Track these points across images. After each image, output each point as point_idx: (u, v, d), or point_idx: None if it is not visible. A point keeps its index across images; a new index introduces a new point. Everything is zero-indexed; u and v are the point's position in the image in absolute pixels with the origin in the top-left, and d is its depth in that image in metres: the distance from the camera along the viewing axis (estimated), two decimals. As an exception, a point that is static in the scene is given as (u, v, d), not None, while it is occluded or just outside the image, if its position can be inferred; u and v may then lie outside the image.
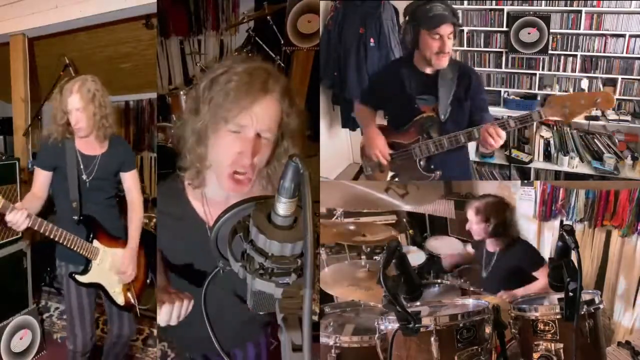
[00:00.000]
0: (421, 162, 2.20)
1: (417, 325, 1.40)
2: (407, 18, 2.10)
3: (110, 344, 2.50)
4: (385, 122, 2.38)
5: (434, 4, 2.04)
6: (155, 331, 3.17)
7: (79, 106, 2.12)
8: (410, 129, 2.19)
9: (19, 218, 1.92)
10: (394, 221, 3.31)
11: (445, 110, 2.11)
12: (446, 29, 2.02)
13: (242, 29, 4.16)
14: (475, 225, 2.44)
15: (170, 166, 1.42)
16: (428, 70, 2.14)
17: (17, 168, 2.91)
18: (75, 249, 2.15)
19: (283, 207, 0.73)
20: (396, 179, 2.33)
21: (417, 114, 2.16)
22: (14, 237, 2.94)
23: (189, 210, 1.38)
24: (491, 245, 2.48)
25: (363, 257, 2.64)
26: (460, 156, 2.31)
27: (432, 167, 2.21)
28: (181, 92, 3.40)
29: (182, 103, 3.34)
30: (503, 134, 1.98)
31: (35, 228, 2.01)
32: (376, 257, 2.68)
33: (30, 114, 3.62)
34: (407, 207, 2.74)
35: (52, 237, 2.07)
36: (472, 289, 2.51)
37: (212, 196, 1.37)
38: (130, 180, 2.34)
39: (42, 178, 2.19)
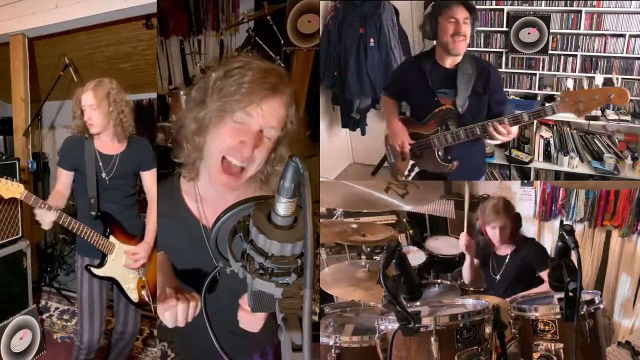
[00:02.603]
0: (439, 153, 2.28)
1: (417, 325, 1.40)
2: (426, 11, 2.20)
3: (114, 341, 2.55)
4: (408, 114, 2.45)
5: None
6: (155, 331, 3.17)
7: (91, 102, 2.22)
8: (430, 121, 2.26)
9: (44, 215, 2.09)
10: (394, 221, 3.31)
11: (464, 103, 2.18)
12: (461, 13, 2.11)
13: (242, 29, 4.15)
14: (494, 230, 2.42)
15: (169, 166, 1.43)
16: (448, 65, 2.21)
17: (17, 168, 2.91)
18: (91, 242, 2.25)
19: (283, 207, 0.73)
20: (416, 168, 2.39)
21: (437, 107, 2.23)
22: (14, 237, 2.94)
23: (183, 209, 1.38)
24: (502, 249, 2.46)
25: (363, 257, 2.64)
26: (478, 151, 2.39)
27: (450, 157, 2.28)
28: (181, 92, 3.40)
29: (182, 103, 3.33)
30: (512, 129, 2.08)
31: (59, 222, 2.16)
32: (376, 257, 2.68)
33: (30, 114, 3.62)
34: (407, 207, 2.74)
35: (71, 229, 2.20)
36: (472, 289, 2.51)
37: (205, 193, 1.37)
38: (149, 179, 2.40)
39: (64, 177, 2.32)
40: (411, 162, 2.37)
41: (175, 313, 1.13)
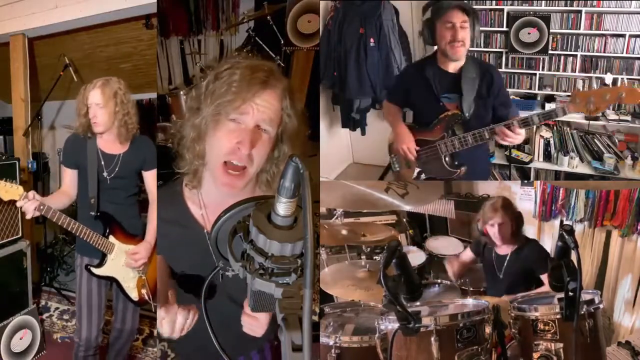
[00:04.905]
0: (446, 159, 2.27)
1: (417, 325, 1.40)
2: (424, 16, 2.17)
3: (113, 339, 2.56)
4: (410, 120, 2.46)
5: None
6: (155, 331, 3.17)
7: (98, 101, 2.20)
8: (436, 127, 2.25)
9: (28, 206, 2.02)
10: (394, 221, 3.31)
11: (469, 108, 2.17)
12: (457, 17, 2.09)
13: (242, 29, 4.15)
14: (493, 227, 2.41)
15: (170, 167, 1.42)
16: (451, 69, 2.20)
17: (17, 168, 2.91)
18: (90, 241, 2.24)
19: (283, 207, 0.73)
20: (422, 175, 2.38)
21: (442, 112, 2.23)
22: (14, 237, 2.93)
23: (186, 215, 1.37)
24: (503, 248, 2.45)
25: (363, 257, 2.64)
26: (482, 153, 2.41)
27: (457, 163, 2.28)
28: (181, 92, 3.40)
29: (182, 103, 3.34)
30: (521, 131, 2.09)
31: (54, 220, 2.14)
32: (376, 257, 2.68)
33: (30, 114, 3.62)
34: (407, 207, 2.74)
35: (69, 229, 2.19)
36: (472, 289, 2.51)
37: (208, 199, 1.36)
38: (151, 179, 2.38)
39: (69, 176, 2.31)
40: (417, 169, 2.36)
41: (174, 320, 1.14)
